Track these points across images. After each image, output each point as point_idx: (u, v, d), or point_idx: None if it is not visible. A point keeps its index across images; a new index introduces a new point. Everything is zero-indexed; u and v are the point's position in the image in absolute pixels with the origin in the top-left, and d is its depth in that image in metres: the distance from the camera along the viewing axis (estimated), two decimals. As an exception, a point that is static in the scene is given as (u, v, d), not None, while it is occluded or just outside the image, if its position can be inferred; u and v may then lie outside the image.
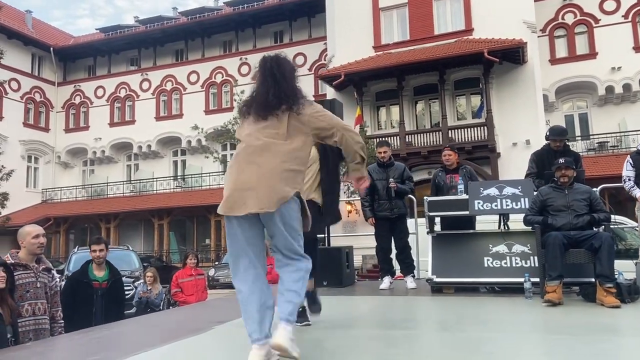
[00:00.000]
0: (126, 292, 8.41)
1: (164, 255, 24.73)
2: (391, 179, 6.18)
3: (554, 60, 22.06)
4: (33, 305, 3.99)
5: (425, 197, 5.67)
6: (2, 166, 12.45)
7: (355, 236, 15.39)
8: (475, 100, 20.57)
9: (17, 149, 28.48)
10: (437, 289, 5.48)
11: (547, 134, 5.60)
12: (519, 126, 18.83)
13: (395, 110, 21.36)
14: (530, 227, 4.89)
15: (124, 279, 9.62)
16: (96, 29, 33.45)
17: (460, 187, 5.75)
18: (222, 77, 28.04)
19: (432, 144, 19.51)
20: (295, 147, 2.66)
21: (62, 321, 4.30)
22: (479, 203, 5.27)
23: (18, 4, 76.28)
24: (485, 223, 5.96)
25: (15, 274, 3.89)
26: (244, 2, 28.15)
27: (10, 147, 27.77)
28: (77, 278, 5.07)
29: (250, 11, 27.55)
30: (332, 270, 6.27)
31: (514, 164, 17.53)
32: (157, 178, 28.32)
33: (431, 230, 5.72)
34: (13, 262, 3.95)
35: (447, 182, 6.17)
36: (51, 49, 30.50)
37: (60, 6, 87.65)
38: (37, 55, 30.68)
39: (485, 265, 5.35)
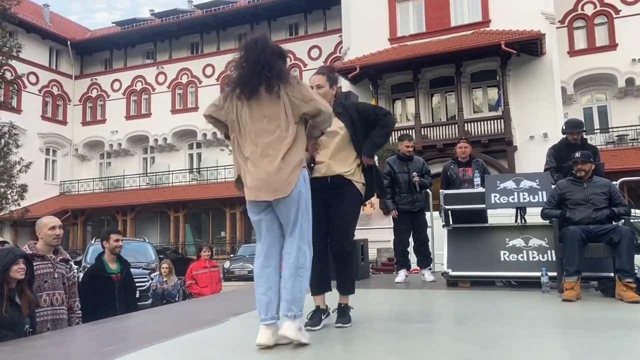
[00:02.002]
0: (142, 284, 8.55)
1: (180, 248, 24.94)
2: (414, 173, 6.19)
3: (572, 52, 21.70)
4: (51, 295, 4.03)
5: (440, 190, 5.62)
6: (21, 158, 12.67)
7: (370, 230, 15.40)
8: (492, 93, 20.32)
9: (35, 141, 28.87)
10: (453, 283, 5.44)
11: (564, 127, 5.51)
12: (537, 119, 18.56)
13: (411, 103, 21.20)
14: (548, 221, 4.82)
15: (140, 270, 9.78)
16: (112, 23, 33.69)
17: (477, 180, 5.69)
18: (237, 70, 28.03)
19: (447, 137, 19.34)
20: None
21: (80, 312, 4.34)
22: (495, 196, 5.21)
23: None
24: (500, 217, 5.88)
25: (34, 264, 3.94)
26: (259, -5, 28.14)
27: (29, 140, 28.16)
28: (97, 273, 5.03)
29: (266, 4, 27.50)
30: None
31: (531, 158, 17.29)
32: (172, 171, 28.54)
33: (447, 223, 5.67)
34: (31, 252, 4.00)
35: (460, 175, 6.12)
36: (68, 42, 30.82)
37: (78, 0, 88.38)
38: (54, 49, 31.01)
39: (502, 259, 5.29)
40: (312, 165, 3.14)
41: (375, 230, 15.28)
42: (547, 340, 3.08)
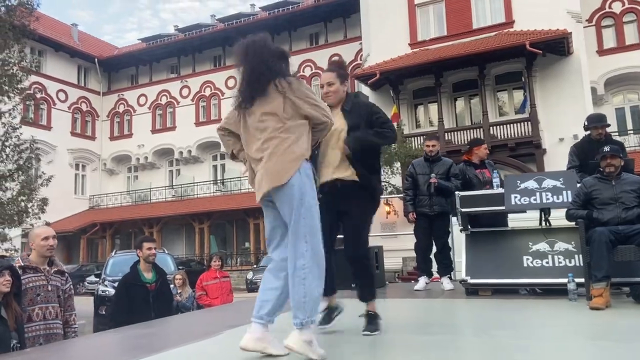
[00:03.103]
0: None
1: (205, 259, 24.95)
2: (432, 175, 5.88)
3: (602, 51, 20.95)
4: (44, 309, 3.86)
5: (456, 193, 5.29)
6: (42, 172, 12.91)
7: (394, 237, 15.04)
8: (518, 95, 19.77)
9: (65, 157, 29.48)
10: (473, 291, 5.09)
11: (586, 123, 5.17)
12: (566, 121, 17.88)
13: (433, 107, 20.80)
14: (574, 223, 4.46)
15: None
16: (138, 39, 34.32)
17: (496, 180, 5.36)
18: (260, 81, 28.15)
19: (473, 141, 18.83)
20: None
21: (76, 326, 4.18)
22: (515, 197, 4.86)
23: (69, 19, 79.76)
24: (523, 220, 5.51)
25: (25, 277, 3.79)
26: (279, 6, 28.20)
27: (59, 155, 28.79)
28: (131, 281, 4.97)
29: (286, 14, 27.58)
30: (360, 271, 5.97)
31: (561, 160, 16.59)
32: (197, 182, 28.71)
33: (465, 227, 5.33)
34: (23, 264, 3.85)
35: (480, 177, 5.79)
36: (96, 60, 31.47)
37: (111, 21, 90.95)
38: (83, 66, 31.71)
39: (525, 264, 4.92)
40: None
41: (400, 238, 14.90)
42: (573, 353, 2.75)
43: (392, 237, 15.62)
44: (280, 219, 2.62)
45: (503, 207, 4.93)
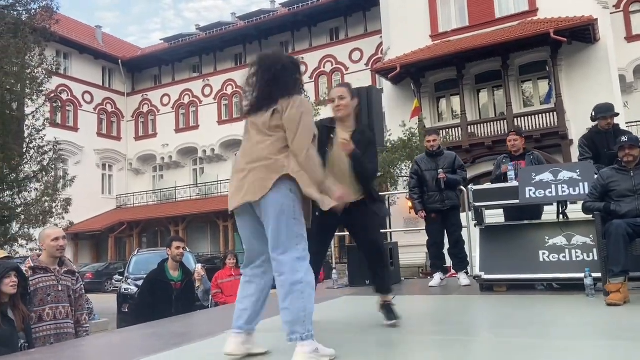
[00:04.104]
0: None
1: (229, 256, 25.14)
2: (440, 170, 5.78)
3: (630, 38, 20.29)
4: (54, 309, 3.90)
5: (470, 186, 5.17)
6: (66, 173, 13.19)
7: (418, 232, 14.86)
8: (543, 85, 19.29)
9: (92, 158, 30.09)
10: (487, 287, 4.97)
11: (594, 113, 4.99)
12: (593, 110, 17.39)
13: (456, 100, 20.45)
14: (591, 216, 4.30)
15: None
16: (160, 40, 34.73)
17: (511, 173, 5.21)
18: (280, 78, 28.19)
19: (496, 133, 18.48)
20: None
21: (88, 325, 4.23)
22: (530, 190, 4.71)
23: (96, 21, 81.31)
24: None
25: (36, 277, 3.84)
26: (299, 2, 28.12)
27: (86, 156, 29.42)
28: (156, 277, 5.08)
29: (306, 10, 27.49)
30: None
31: (588, 151, 16.20)
32: (221, 181, 28.93)
33: (479, 222, 5.20)
34: (33, 265, 3.90)
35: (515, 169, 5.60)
36: (119, 61, 31.98)
37: (135, 22, 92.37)
38: (107, 68, 32.27)
39: (541, 259, 4.77)
40: None
41: (423, 233, 14.74)
42: (586, 353, 2.64)
43: (416, 232, 15.43)
44: (258, 229, 2.56)
45: (517, 201, 4.79)
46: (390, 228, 14.41)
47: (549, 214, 5.27)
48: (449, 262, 6.26)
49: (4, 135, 11.82)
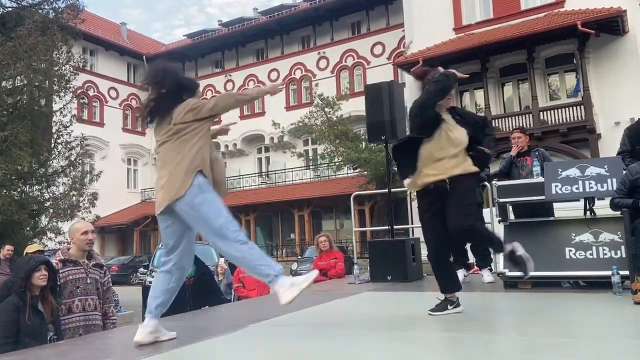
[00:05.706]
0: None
1: (252, 250, 25.36)
2: None
3: (661, 28, 19.68)
4: (83, 301, 4.01)
5: (493, 182, 5.11)
6: (92, 167, 13.48)
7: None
8: (570, 78, 18.91)
9: (117, 152, 30.62)
10: (512, 284, 4.92)
11: None
12: (622, 103, 16.97)
13: (479, 94, 20.19)
14: (619, 212, 4.21)
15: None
16: (184, 35, 35.05)
17: (536, 169, 5.13)
18: (301, 73, 28.21)
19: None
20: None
21: (115, 317, 4.31)
22: (556, 186, 4.64)
23: (121, 18, 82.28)
24: (566, 210, 5.25)
25: (65, 270, 3.94)
26: (320, -4, 28.10)
27: (112, 151, 29.96)
28: None
29: (327, 4, 27.42)
30: (396, 264, 5.90)
31: (617, 146, 15.78)
32: (242, 175, 29.17)
33: (503, 218, 5.15)
34: (63, 258, 4.00)
35: (517, 165, 5.56)
36: (144, 57, 32.38)
37: (160, 18, 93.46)
38: (132, 64, 32.73)
39: (567, 256, 4.70)
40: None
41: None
42: (613, 351, 2.59)
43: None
44: (179, 227, 3.09)
45: (543, 197, 4.73)
46: (412, 223, 14.34)
47: (575, 209, 5.18)
48: (471, 258, 6.21)
49: (33, 131, 12.13)
